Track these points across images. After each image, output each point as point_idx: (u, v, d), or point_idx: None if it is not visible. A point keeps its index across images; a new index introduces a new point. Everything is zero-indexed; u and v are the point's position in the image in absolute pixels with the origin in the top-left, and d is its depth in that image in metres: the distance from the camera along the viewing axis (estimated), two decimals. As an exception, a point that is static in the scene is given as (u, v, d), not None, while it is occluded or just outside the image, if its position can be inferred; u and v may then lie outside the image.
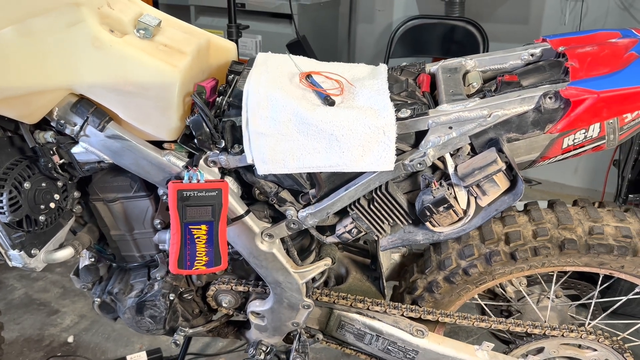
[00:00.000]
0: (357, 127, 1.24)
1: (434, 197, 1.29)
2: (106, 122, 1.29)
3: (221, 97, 1.34)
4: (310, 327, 1.69)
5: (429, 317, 1.61)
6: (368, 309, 1.61)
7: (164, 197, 1.44)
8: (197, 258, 1.35)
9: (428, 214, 1.31)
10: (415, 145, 1.31)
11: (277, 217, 1.47)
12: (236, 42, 2.50)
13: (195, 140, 1.30)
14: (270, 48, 1.64)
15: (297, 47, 3.30)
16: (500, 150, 1.23)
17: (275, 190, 1.39)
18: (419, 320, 1.63)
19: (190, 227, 1.33)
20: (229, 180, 1.41)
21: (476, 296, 1.71)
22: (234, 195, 1.41)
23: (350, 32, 4.61)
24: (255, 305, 1.63)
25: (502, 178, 1.25)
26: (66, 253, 1.52)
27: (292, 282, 1.50)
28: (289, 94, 1.28)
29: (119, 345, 2.61)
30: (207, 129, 1.28)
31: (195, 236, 1.34)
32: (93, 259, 1.69)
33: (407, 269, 1.76)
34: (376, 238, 1.44)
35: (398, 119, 1.24)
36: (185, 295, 1.65)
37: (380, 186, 1.34)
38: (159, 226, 1.52)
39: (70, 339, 2.66)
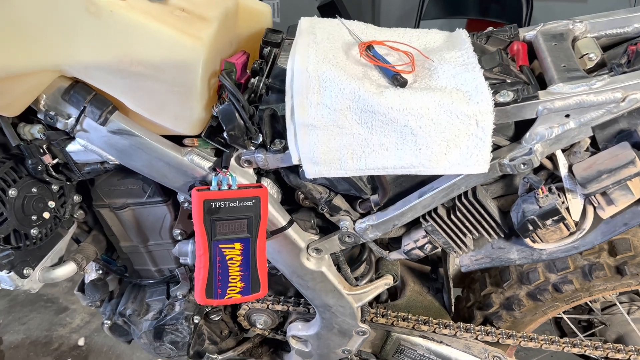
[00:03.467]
0: (440, 115, 0.93)
1: (541, 206, 0.98)
2: (109, 113, 0.99)
3: (257, 78, 1.03)
4: (362, 350, 1.41)
5: (509, 342, 1.32)
6: (434, 331, 1.32)
7: (185, 205, 1.15)
8: (229, 284, 1.06)
9: (531, 228, 1.00)
10: (515, 138, 0.99)
11: (326, 227, 1.18)
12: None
13: (225, 135, 0.99)
14: (290, 12, 1.31)
15: (331, 10, 2.78)
16: (636, 147, 0.91)
17: (326, 196, 1.08)
18: (495, 344, 1.35)
19: (220, 246, 1.03)
20: (267, 184, 1.11)
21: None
22: (274, 202, 1.11)
23: (375, -10, 4.20)
24: (297, 329, 1.35)
25: (638, 183, 0.93)
26: (67, 270, 1.25)
27: (345, 305, 1.21)
28: (347, 73, 0.97)
29: (135, 348, 2.36)
30: (241, 121, 0.97)
31: (227, 257, 1.04)
32: (100, 272, 1.40)
33: (476, 277, 1.46)
34: (455, 255, 1.14)
35: (497, 104, 0.92)
36: (212, 316, 1.37)
37: (465, 192, 1.03)
38: (179, 237, 1.23)
39: (81, 342, 2.42)
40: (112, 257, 1.41)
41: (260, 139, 1.02)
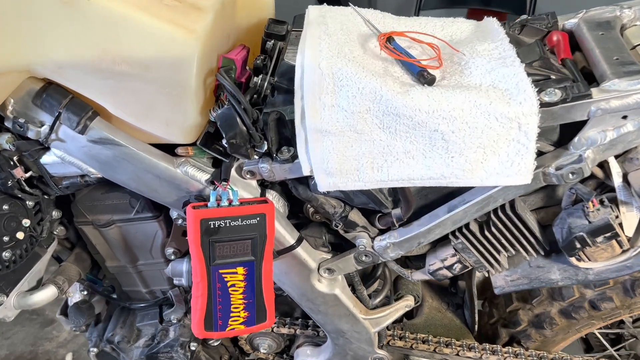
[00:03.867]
0: (476, 118, 0.79)
1: (591, 222, 0.85)
2: (88, 120, 0.85)
3: (260, 77, 0.89)
4: (377, 374, 1.28)
5: (540, 365, 1.19)
6: (458, 354, 1.19)
7: (179, 221, 1.01)
8: (232, 314, 0.92)
9: (579, 246, 0.87)
10: (561, 142, 0.86)
11: (339, 244, 1.04)
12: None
13: (225, 143, 0.86)
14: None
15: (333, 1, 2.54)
16: None
17: (340, 210, 0.95)
18: (524, 367, 1.22)
19: (221, 271, 0.89)
20: (273, 197, 0.97)
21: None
22: (281, 218, 0.97)
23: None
24: (305, 354, 1.21)
25: None
26: (47, 294, 1.11)
27: (361, 331, 1.08)
28: (366, 69, 0.83)
29: (126, 365, 2.22)
30: (244, 127, 0.83)
31: (228, 284, 0.91)
32: (85, 293, 1.26)
33: (498, 292, 1.33)
34: (487, 274, 1.00)
35: (542, 104, 0.79)
36: (210, 341, 1.23)
37: (502, 205, 0.90)
38: (172, 257, 1.09)
39: (69, 357, 2.25)
40: (98, 276, 1.27)
41: (265, 147, 0.88)
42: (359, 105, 0.82)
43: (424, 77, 0.84)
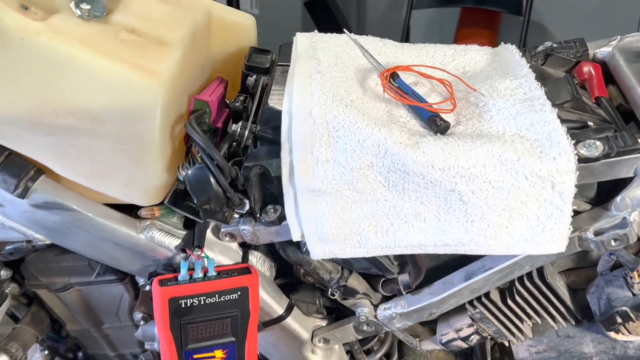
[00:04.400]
0: (501, 176, 0.66)
1: (636, 294, 0.72)
2: (30, 181, 0.70)
3: (240, 124, 0.74)
4: None
5: None
6: (469, 419, 1.05)
7: (146, 288, 0.86)
8: (209, 405, 0.78)
9: (620, 320, 0.74)
10: (598, 199, 0.73)
11: (335, 307, 0.90)
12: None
13: (198, 208, 0.71)
14: (270, 2, 1.02)
15: (320, 7, 2.32)
16: None
17: (337, 276, 0.81)
18: None
19: (195, 357, 0.75)
20: (257, 260, 0.83)
21: None
22: (267, 284, 0.83)
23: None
24: None
25: None
26: (-3, 365, 0.95)
27: (362, 404, 0.94)
28: (367, 116, 0.69)
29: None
30: (220, 189, 0.68)
31: (205, 369, 0.76)
32: (47, 353, 1.11)
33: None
34: (507, 344, 0.87)
35: (581, 159, 0.65)
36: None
37: (529, 272, 0.76)
38: (142, 322, 0.94)
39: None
40: (61, 333, 1.12)
41: (247, 207, 0.74)
42: (360, 160, 0.67)
43: (436, 125, 0.70)
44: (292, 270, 0.88)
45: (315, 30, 0.85)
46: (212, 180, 0.68)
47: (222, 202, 0.69)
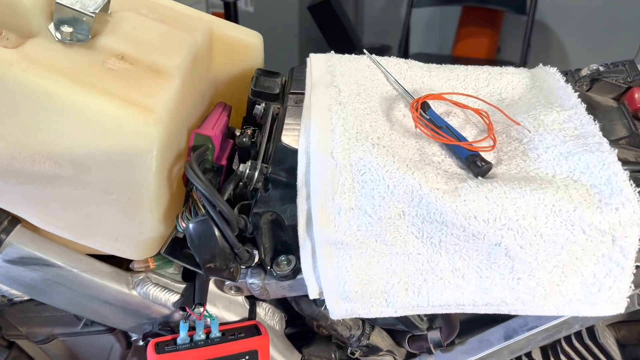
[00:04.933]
0: (554, 228, 0.56)
1: None
2: (3, 233, 0.59)
3: (249, 164, 0.64)
4: None
5: None
6: None
7: (140, 343, 0.76)
8: None
9: (684, 388, 0.65)
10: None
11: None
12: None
13: (201, 264, 0.61)
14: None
15: (326, 11, 2.00)
16: None
17: (358, 333, 0.71)
18: None
19: None
20: (265, 312, 0.73)
21: None
22: (277, 340, 0.73)
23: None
24: None
25: None
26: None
27: None
28: (396, 157, 0.59)
29: None
30: (226, 244, 0.58)
31: None
32: (30, 399, 1.00)
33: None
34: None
35: (647, 210, 0.56)
36: None
37: (579, 331, 0.67)
38: (135, 375, 0.84)
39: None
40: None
41: (257, 259, 0.64)
42: (389, 209, 0.58)
43: (476, 166, 0.61)
44: (303, 319, 0.79)
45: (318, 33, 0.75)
46: (217, 233, 0.58)
47: (228, 259, 0.59)
